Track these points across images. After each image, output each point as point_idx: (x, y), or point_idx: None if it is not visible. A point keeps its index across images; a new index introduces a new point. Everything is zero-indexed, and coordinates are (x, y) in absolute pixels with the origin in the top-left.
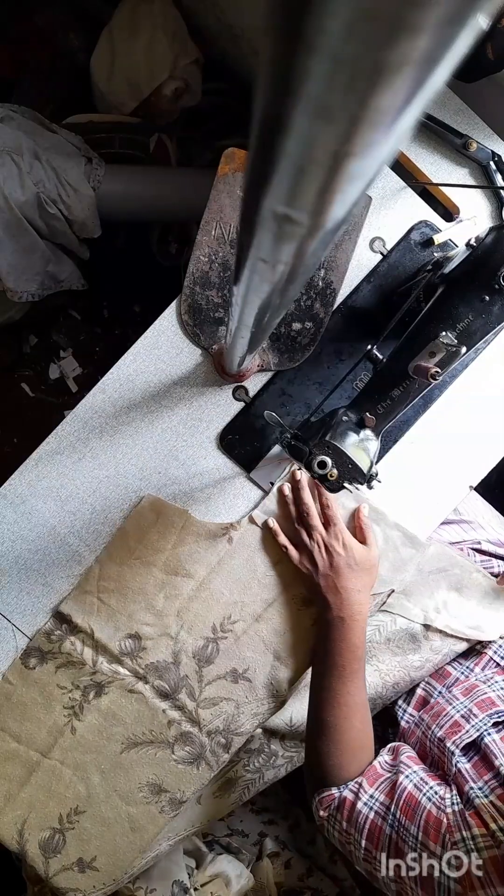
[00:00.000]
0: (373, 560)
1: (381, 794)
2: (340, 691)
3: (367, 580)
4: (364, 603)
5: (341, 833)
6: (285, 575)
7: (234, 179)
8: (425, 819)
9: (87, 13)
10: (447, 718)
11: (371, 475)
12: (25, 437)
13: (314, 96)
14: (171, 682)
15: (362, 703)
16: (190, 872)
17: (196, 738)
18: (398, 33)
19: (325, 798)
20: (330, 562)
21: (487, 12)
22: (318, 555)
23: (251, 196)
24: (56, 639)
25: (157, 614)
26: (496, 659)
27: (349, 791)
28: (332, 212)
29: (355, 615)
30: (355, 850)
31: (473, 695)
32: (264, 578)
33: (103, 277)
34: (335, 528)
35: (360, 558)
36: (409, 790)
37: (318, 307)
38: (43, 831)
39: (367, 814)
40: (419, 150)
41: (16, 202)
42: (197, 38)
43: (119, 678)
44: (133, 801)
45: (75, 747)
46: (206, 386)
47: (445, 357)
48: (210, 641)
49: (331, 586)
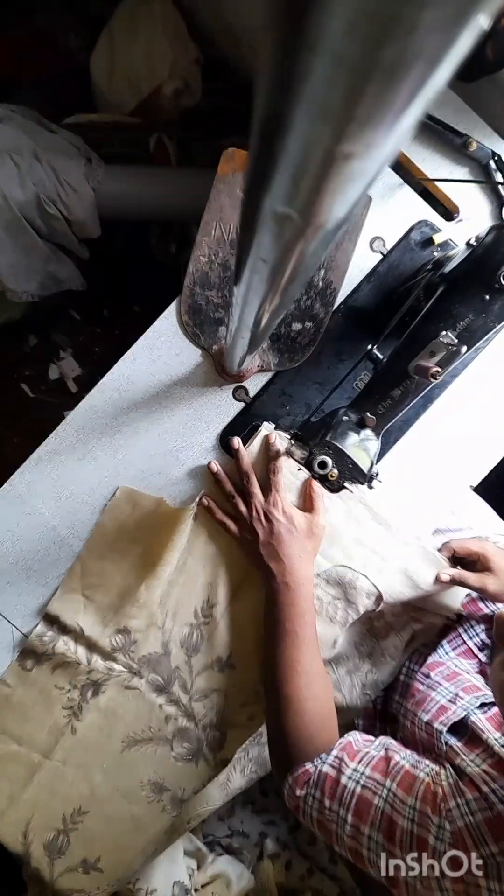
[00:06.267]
0: (315, 527)
1: (366, 768)
2: (297, 658)
3: (308, 545)
4: (307, 568)
5: (321, 811)
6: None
7: (234, 179)
8: (423, 791)
9: (87, 13)
10: (433, 704)
11: (371, 475)
12: (25, 438)
13: (315, 96)
14: (163, 674)
15: (321, 672)
16: (190, 873)
17: (192, 733)
18: (399, 33)
19: (299, 776)
20: (270, 529)
21: (489, 12)
22: (257, 523)
23: (251, 196)
24: (48, 640)
25: (141, 606)
26: (469, 645)
27: (329, 766)
28: (333, 212)
29: (299, 580)
30: (338, 828)
31: (458, 681)
32: (230, 556)
33: (103, 277)
34: (274, 494)
35: (300, 524)
36: (407, 768)
37: (318, 307)
38: (47, 832)
39: (354, 788)
40: (419, 150)
41: (16, 202)
42: (197, 38)
43: (115, 675)
44: (136, 800)
45: (76, 747)
46: (206, 386)
47: (446, 356)
48: (194, 628)
49: (272, 554)
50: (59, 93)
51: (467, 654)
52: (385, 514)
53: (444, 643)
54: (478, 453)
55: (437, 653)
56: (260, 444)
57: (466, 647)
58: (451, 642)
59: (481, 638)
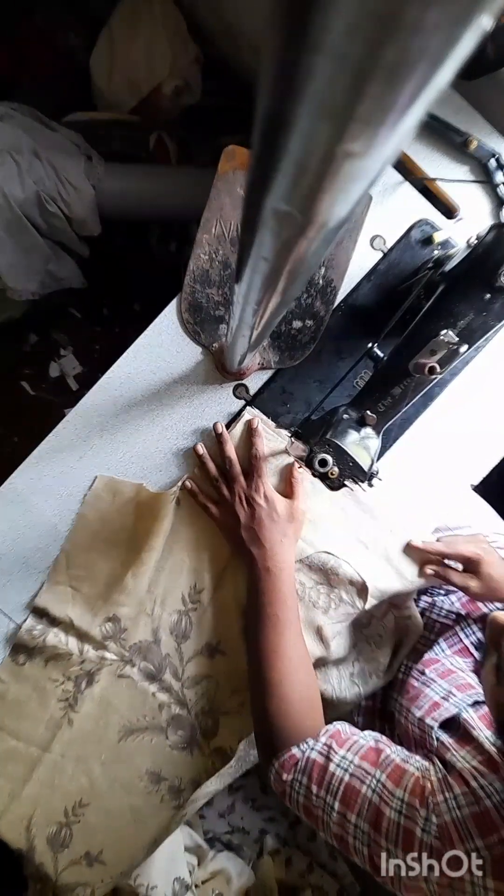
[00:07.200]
0: (296, 512)
1: (355, 756)
2: (280, 643)
3: (289, 530)
4: (289, 553)
5: (308, 797)
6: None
7: (235, 177)
8: (412, 784)
9: (87, 13)
10: (426, 700)
11: (372, 473)
12: (25, 436)
13: (317, 95)
14: (155, 662)
15: (304, 657)
16: (191, 869)
17: (185, 720)
18: (402, 32)
19: (286, 761)
20: (251, 514)
21: (491, 13)
22: (238, 507)
23: (253, 194)
24: (38, 633)
25: (129, 593)
26: (466, 643)
27: (317, 753)
28: (335, 211)
29: (280, 564)
30: (324, 814)
31: (452, 679)
32: (215, 541)
33: (103, 276)
34: (257, 480)
35: (281, 510)
36: (397, 762)
37: (319, 305)
38: (49, 826)
39: (342, 776)
40: (419, 148)
41: (16, 200)
42: (197, 38)
43: (107, 664)
44: (135, 791)
45: (74, 739)
46: (206, 384)
47: (446, 355)
48: (182, 614)
49: (254, 538)
50: (58, 92)
51: (463, 652)
52: (369, 502)
53: (441, 641)
54: (478, 452)
55: (433, 650)
56: (243, 428)
57: (462, 644)
58: (448, 640)
59: (478, 636)
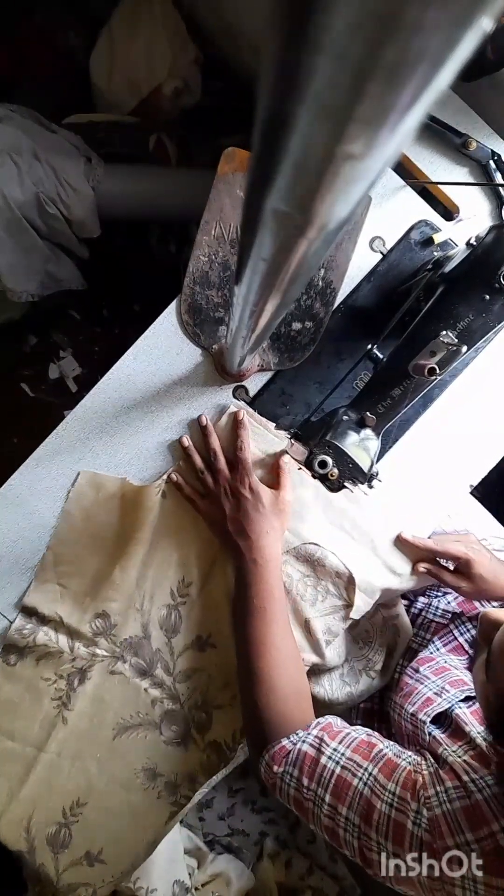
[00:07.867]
0: (282, 504)
1: (347, 749)
2: (267, 634)
3: (276, 522)
4: (275, 545)
5: (299, 790)
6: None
7: (234, 179)
8: (404, 778)
9: (87, 13)
10: (419, 696)
11: (371, 474)
12: (25, 438)
13: (318, 96)
14: (146, 657)
15: (293, 648)
16: (191, 872)
17: (179, 714)
18: (402, 33)
19: (276, 753)
20: (236, 505)
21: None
22: (224, 500)
23: (253, 195)
24: (28, 633)
25: (117, 588)
26: (460, 641)
27: (308, 745)
28: (335, 212)
29: (267, 557)
30: (315, 807)
31: (445, 676)
32: (201, 533)
33: (103, 277)
34: (242, 471)
35: (267, 501)
36: (389, 756)
37: (319, 306)
38: (49, 827)
39: (334, 769)
40: (419, 150)
41: (15, 202)
42: (197, 38)
43: (98, 660)
44: (131, 789)
45: (69, 738)
46: (206, 386)
47: (446, 356)
48: (172, 609)
49: (240, 531)
50: (58, 93)
51: (457, 650)
52: (357, 494)
53: (436, 639)
54: (478, 453)
55: (427, 649)
56: (228, 420)
57: (457, 642)
58: (443, 638)
59: (472, 634)
